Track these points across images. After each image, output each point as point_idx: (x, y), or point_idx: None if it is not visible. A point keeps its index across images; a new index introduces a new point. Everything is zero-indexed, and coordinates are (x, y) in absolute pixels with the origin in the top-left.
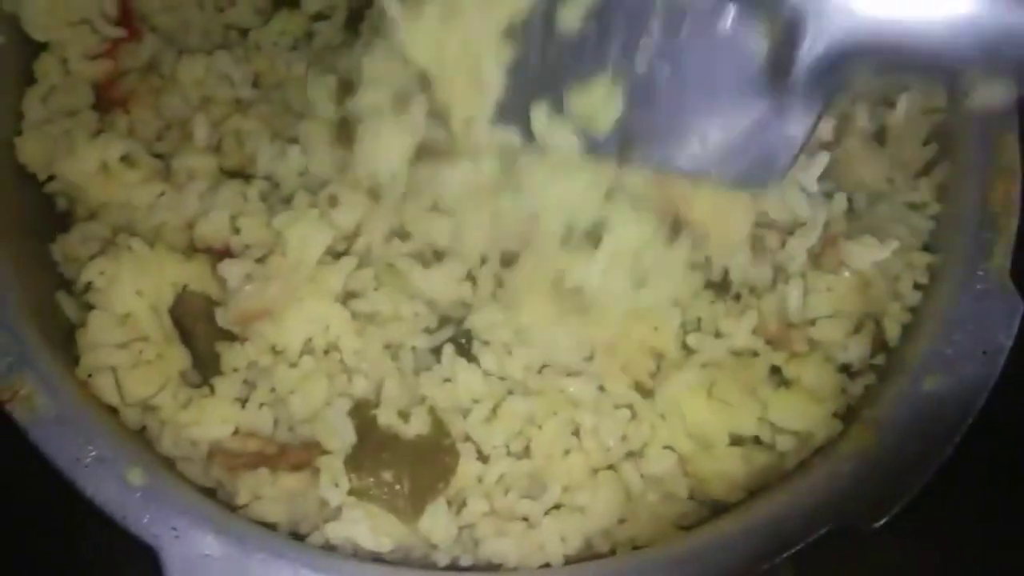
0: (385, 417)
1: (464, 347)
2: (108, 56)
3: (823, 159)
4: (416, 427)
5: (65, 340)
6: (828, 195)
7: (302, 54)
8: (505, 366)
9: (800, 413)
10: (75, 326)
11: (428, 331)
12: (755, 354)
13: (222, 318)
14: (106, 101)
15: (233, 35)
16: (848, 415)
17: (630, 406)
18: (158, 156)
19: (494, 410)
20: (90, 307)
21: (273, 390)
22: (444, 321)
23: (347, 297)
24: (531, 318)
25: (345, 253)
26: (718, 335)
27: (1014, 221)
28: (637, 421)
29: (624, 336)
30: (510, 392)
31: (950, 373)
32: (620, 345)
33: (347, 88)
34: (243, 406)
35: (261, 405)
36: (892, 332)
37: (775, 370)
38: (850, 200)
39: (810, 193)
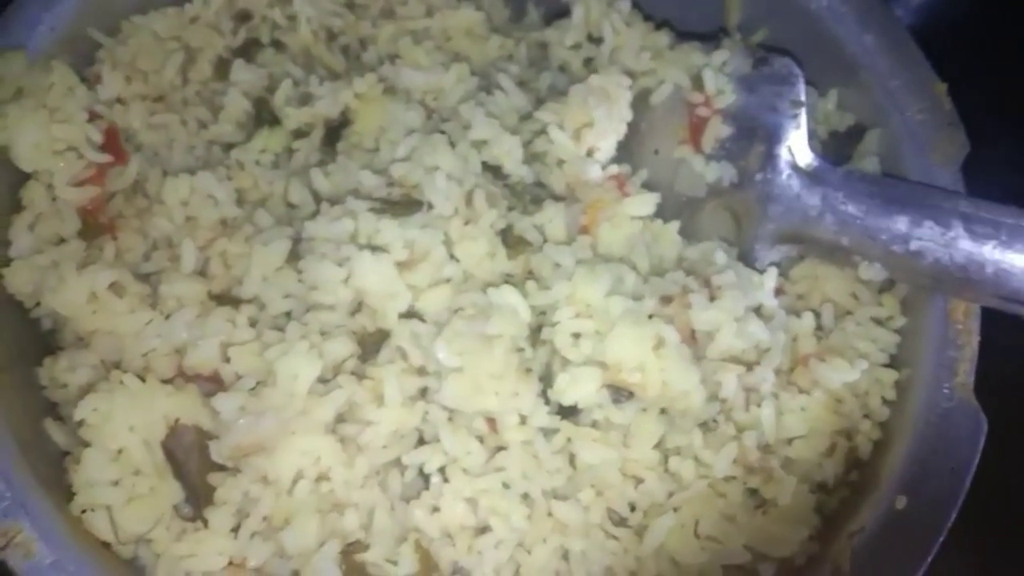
0: (374, 559)
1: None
2: (94, 181)
3: (772, 275)
4: (404, 568)
5: (55, 469)
6: (796, 313)
7: (283, 172)
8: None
9: (779, 539)
10: (64, 452)
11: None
12: (732, 478)
13: (216, 453)
14: (93, 227)
15: (216, 151)
16: (824, 531)
17: (616, 537)
18: (147, 276)
19: (482, 534)
20: (82, 440)
21: (265, 519)
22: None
23: (337, 421)
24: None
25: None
26: (698, 462)
27: (975, 338)
28: (626, 553)
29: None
30: (498, 515)
31: (920, 491)
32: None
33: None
34: (235, 535)
35: (253, 534)
36: (864, 448)
37: (752, 491)
38: (818, 316)
39: (771, 314)
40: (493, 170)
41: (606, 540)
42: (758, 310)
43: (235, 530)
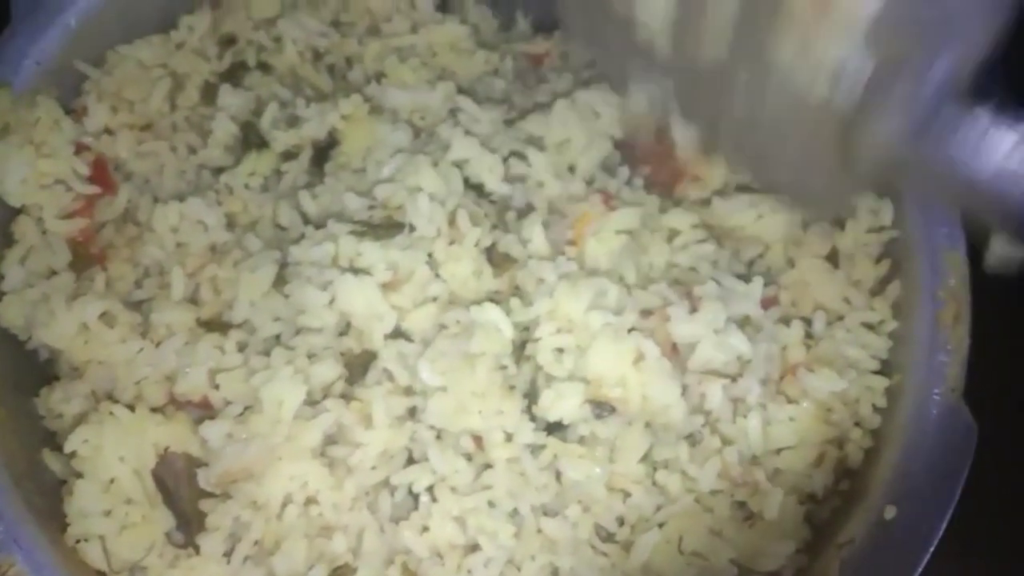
0: None
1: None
2: (83, 212)
3: (758, 283)
4: None
5: (51, 499)
6: (784, 321)
7: (272, 195)
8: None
9: (767, 553)
10: (62, 482)
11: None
12: (719, 491)
13: (205, 480)
14: (84, 257)
15: (206, 175)
16: (814, 542)
17: (604, 553)
18: (137, 304)
19: (471, 553)
20: (75, 471)
21: (256, 543)
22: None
23: (325, 443)
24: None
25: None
26: (684, 475)
27: (966, 343)
28: (614, 569)
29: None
30: (487, 534)
31: (909, 501)
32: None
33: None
34: (228, 560)
35: (245, 559)
36: (855, 457)
37: (740, 504)
38: (808, 323)
39: (758, 324)
40: (476, 188)
41: (594, 556)
42: (745, 320)
43: (227, 555)
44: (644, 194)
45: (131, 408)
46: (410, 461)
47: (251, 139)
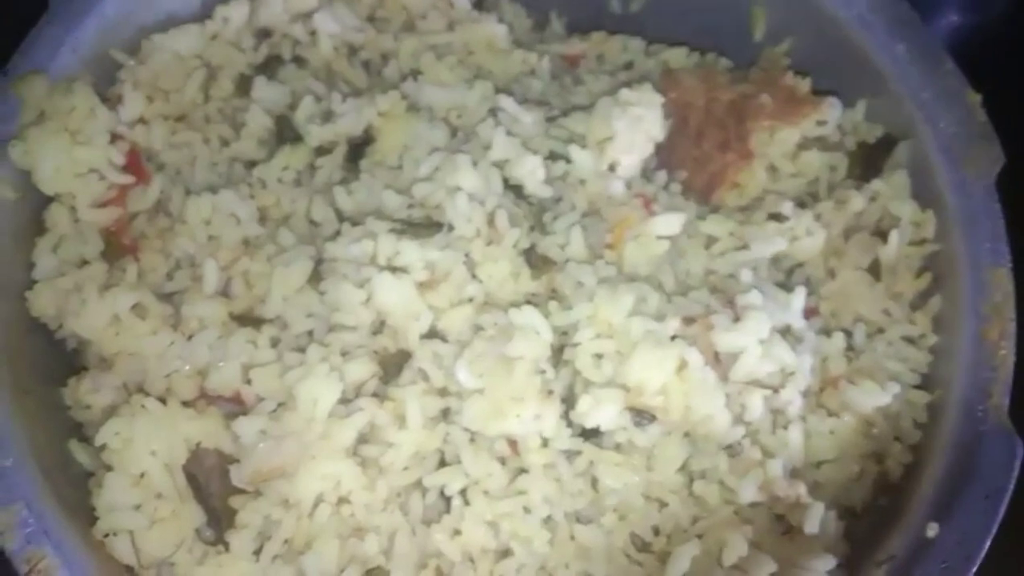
0: None
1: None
2: (116, 202)
3: (800, 293)
4: None
5: (78, 490)
6: (826, 333)
7: (305, 189)
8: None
9: (806, 568)
10: (89, 474)
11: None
12: (758, 504)
13: (237, 477)
14: (116, 247)
15: (238, 168)
16: (853, 558)
17: (640, 563)
18: (169, 296)
19: (503, 558)
20: (105, 463)
21: (286, 542)
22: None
23: (358, 442)
24: None
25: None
26: (723, 486)
27: (1011, 360)
28: None
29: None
30: (519, 539)
31: (952, 519)
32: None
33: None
34: (257, 559)
35: (275, 558)
36: (895, 472)
37: (778, 517)
38: (849, 335)
39: (800, 335)
40: (515, 189)
41: (629, 566)
42: (786, 330)
43: (257, 553)
44: (682, 199)
45: (162, 402)
46: (442, 463)
47: (285, 133)
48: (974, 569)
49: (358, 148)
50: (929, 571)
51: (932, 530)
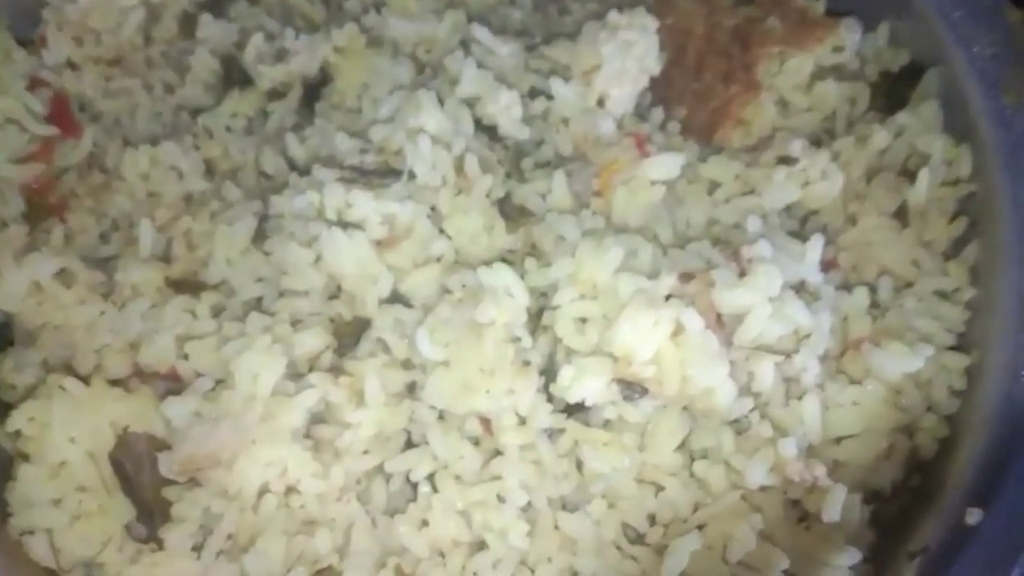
0: None
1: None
2: (39, 157)
3: (816, 243)
4: None
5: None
6: (846, 289)
7: (256, 138)
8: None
9: (826, 563)
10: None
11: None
12: (769, 487)
13: (166, 467)
14: (40, 207)
15: (184, 117)
16: (880, 549)
17: (633, 557)
18: (103, 262)
19: (477, 552)
20: (20, 453)
21: (230, 537)
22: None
23: (310, 423)
24: None
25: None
26: (728, 468)
27: None
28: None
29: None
30: (494, 531)
31: (996, 503)
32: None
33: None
34: (199, 556)
35: (218, 554)
36: (928, 448)
37: (792, 502)
38: (873, 290)
39: (816, 291)
40: (488, 131)
41: (621, 560)
42: (800, 287)
43: (197, 550)
44: (681, 140)
45: (86, 381)
46: (408, 445)
47: (234, 76)
48: (1020, 560)
49: (314, 90)
50: (969, 565)
51: (972, 516)
